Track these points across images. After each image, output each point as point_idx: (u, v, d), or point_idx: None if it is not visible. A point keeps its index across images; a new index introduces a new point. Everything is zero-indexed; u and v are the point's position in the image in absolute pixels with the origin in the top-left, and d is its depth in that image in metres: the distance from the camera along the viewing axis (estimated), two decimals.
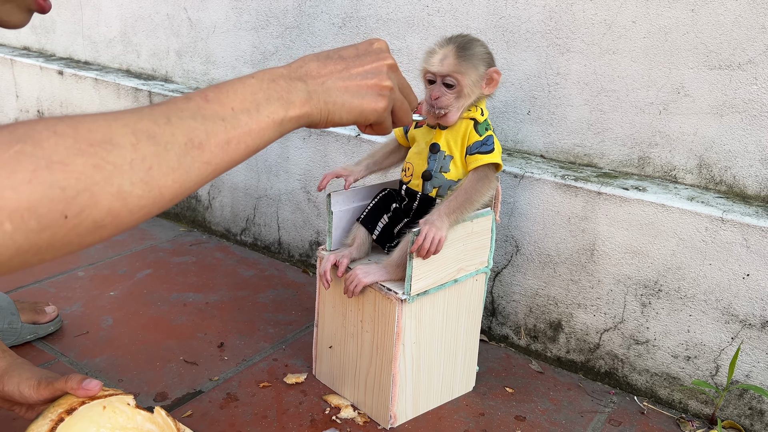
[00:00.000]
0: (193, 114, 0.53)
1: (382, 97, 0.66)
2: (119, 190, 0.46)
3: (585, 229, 1.31)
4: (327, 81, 0.64)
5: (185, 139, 0.51)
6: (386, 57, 0.68)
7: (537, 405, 1.26)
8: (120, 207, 0.47)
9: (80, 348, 1.36)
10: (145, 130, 0.49)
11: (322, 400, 1.24)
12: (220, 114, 0.55)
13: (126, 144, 0.47)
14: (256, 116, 0.57)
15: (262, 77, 0.60)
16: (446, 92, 1.11)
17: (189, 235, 1.99)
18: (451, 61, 1.10)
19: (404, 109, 0.71)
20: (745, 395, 1.20)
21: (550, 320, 1.40)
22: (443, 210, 1.09)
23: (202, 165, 0.53)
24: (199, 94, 0.55)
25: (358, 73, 0.66)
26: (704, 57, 1.23)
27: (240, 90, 0.57)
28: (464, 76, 1.11)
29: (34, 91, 2.41)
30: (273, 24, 1.83)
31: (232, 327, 1.48)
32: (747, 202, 1.21)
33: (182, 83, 2.12)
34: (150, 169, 0.48)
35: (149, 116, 0.50)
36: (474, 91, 1.13)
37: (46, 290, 1.59)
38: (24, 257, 0.44)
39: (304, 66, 0.64)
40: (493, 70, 1.14)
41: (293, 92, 0.61)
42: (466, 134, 1.14)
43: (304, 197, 1.76)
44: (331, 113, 0.64)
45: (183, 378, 1.28)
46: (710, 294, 1.20)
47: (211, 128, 0.53)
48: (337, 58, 0.66)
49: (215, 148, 0.53)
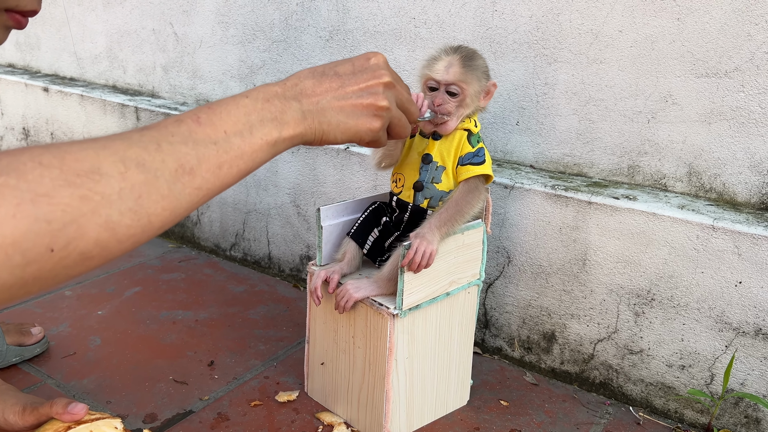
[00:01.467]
0: (185, 138, 0.52)
1: (377, 117, 0.65)
2: (107, 221, 0.45)
3: (576, 239, 1.30)
4: (322, 100, 0.62)
5: (176, 166, 0.50)
6: (383, 74, 0.66)
7: (532, 418, 1.25)
8: (108, 237, 0.46)
9: (67, 369, 1.34)
10: (134, 158, 0.48)
11: (314, 417, 1.22)
12: (212, 138, 0.54)
13: (114, 173, 0.46)
14: (250, 138, 0.56)
15: (256, 97, 0.58)
16: (449, 100, 1.11)
17: (178, 252, 1.97)
18: (457, 69, 1.10)
19: (401, 124, 0.70)
20: (741, 403, 1.19)
21: (544, 331, 1.39)
22: (434, 223, 1.08)
23: (193, 191, 0.52)
24: (191, 116, 0.54)
25: (354, 92, 0.64)
26: (691, 65, 1.23)
27: (233, 111, 0.56)
28: (468, 85, 1.11)
29: (19, 108, 2.39)
30: (260, 38, 1.83)
31: (223, 344, 1.46)
32: (737, 209, 1.21)
33: (169, 98, 2.11)
34: (139, 198, 0.47)
35: (139, 143, 0.49)
36: (474, 101, 1.13)
37: (33, 310, 1.56)
38: (9, 292, 0.42)
39: (299, 84, 0.62)
40: (491, 83, 1.15)
41: (287, 112, 0.59)
42: (460, 145, 1.14)
43: (293, 211, 1.75)
44: (325, 133, 0.63)
45: (172, 398, 1.26)
46: (703, 302, 1.20)
47: (202, 153, 0.52)
48: (332, 75, 0.64)
49: (207, 173, 0.52)
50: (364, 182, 1.59)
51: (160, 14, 2.05)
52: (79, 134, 2.21)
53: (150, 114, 1.97)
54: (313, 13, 1.71)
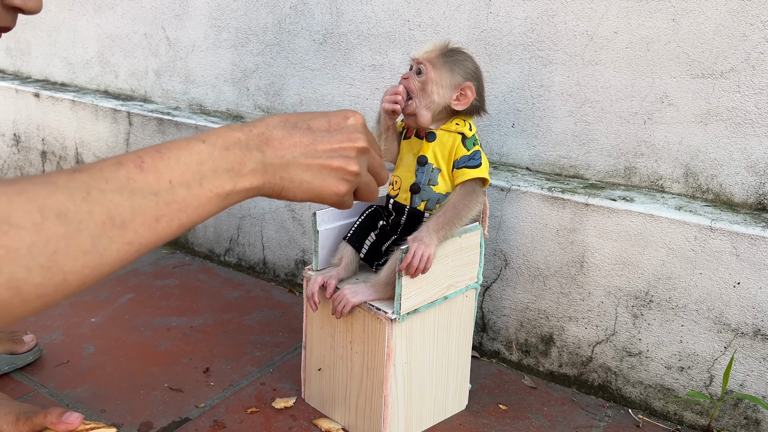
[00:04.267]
0: (120, 186, 0.46)
1: (345, 181, 0.60)
2: (10, 278, 0.40)
3: (574, 241, 1.30)
4: (288, 155, 0.57)
5: (104, 218, 0.45)
6: (358, 138, 0.61)
7: (531, 422, 1.24)
8: (10, 296, 0.41)
9: (61, 378, 1.32)
10: (55, 207, 0.42)
11: (312, 424, 1.21)
12: (154, 187, 0.48)
13: (27, 224, 0.41)
14: (197, 190, 0.50)
15: (214, 143, 0.52)
16: (414, 77, 1.12)
17: (171, 258, 1.96)
18: (432, 54, 1.12)
19: (370, 189, 0.65)
20: (741, 405, 1.19)
21: (542, 334, 1.38)
22: (431, 226, 1.07)
23: (123, 246, 0.46)
24: (134, 159, 0.48)
25: (325, 151, 0.59)
26: (687, 66, 1.23)
27: (184, 158, 0.50)
28: (435, 70, 1.10)
29: (9, 114, 2.37)
30: (253, 41, 1.82)
31: (218, 351, 1.44)
32: (734, 210, 1.21)
33: (162, 103, 2.09)
34: (54, 254, 0.42)
35: (65, 189, 0.44)
36: (440, 94, 1.11)
37: (25, 319, 1.54)
38: None
39: (266, 132, 0.56)
40: (467, 84, 1.11)
41: (247, 164, 0.54)
42: (454, 148, 1.13)
43: (288, 215, 1.74)
44: (285, 189, 0.58)
45: (168, 406, 1.25)
46: (702, 303, 1.19)
47: (138, 204, 0.47)
48: (304, 129, 0.58)
49: (141, 227, 0.47)
50: None
51: (152, 18, 2.03)
52: (71, 140, 2.19)
53: (142, 119, 1.96)
54: (307, 17, 1.70)
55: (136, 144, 2.01)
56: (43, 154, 2.29)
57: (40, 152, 2.30)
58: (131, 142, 2.02)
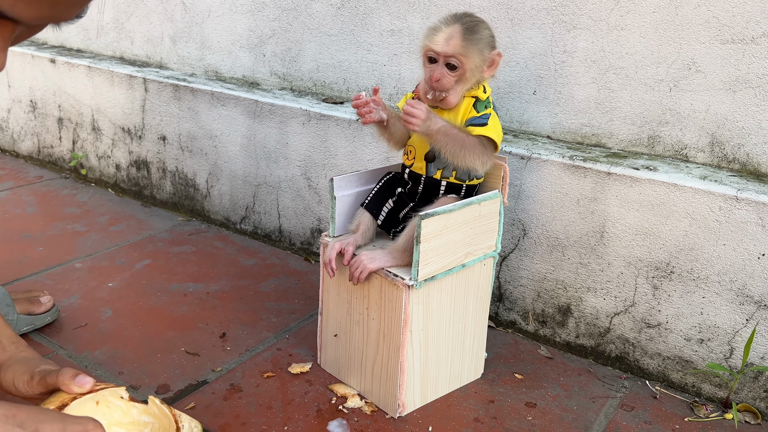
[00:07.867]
0: None
1: None
2: None
3: (594, 211, 1.28)
4: None
5: None
6: None
7: (547, 391, 1.23)
8: None
9: (79, 340, 1.33)
10: None
11: (327, 389, 1.21)
12: None
13: None
14: None
15: None
16: (447, 74, 1.08)
17: (188, 225, 1.96)
18: (457, 42, 1.06)
19: None
20: (761, 378, 1.18)
21: (559, 305, 1.37)
22: (443, 119, 1.08)
23: None
24: None
25: None
26: (716, 31, 1.19)
27: None
28: (468, 59, 1.07)
29: (26, 80, 2.36)
30: (269, 6, 1.79)
31: (234, 317, 1.45)
32: (761, 180, 1.18)
33: (177, 69, 2.07)
34: None
35: None
36: (475, 74, 1.10)
37: (44, 282, 1.56)
38: None
39: None
40: (495, 52, 1.11)
41: None
42: (466, 113, 1.11)
43: (304, 184, 1.73)
44: None
45: (185, 369, 1.25)
46: (724, 275, 1.17)
47: None
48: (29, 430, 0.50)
49: None
50: (377, 153, 1.56)
51: None
52: (87, 106, 2.18)
53: (158, 85, 1.95)
54: None
55: (152, 110, 2.00)
56: (59, 121, 2.29)
57: (56, 119, 2.30)
58: (147, 108, 2.01)
